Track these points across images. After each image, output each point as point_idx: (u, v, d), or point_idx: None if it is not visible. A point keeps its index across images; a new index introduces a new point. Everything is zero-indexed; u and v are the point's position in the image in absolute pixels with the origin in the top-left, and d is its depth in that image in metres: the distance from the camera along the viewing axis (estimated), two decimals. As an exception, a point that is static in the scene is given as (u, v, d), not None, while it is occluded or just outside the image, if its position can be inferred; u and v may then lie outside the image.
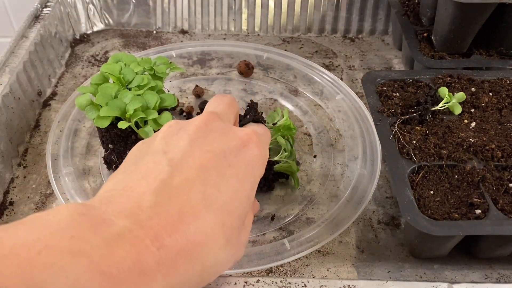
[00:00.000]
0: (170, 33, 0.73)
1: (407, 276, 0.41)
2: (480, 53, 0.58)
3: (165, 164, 0.27)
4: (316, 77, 0.61)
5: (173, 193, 0.26)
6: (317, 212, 0.47)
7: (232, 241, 0.28)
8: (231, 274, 0.39)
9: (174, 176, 0.27)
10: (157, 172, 0.27)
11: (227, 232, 0.27)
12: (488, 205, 0.39)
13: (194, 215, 0.26)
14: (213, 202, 0.27)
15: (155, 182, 0.26)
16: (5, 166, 0.50)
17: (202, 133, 0.30)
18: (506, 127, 0.47)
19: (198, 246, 0.25)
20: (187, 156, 0.28)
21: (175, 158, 0.28)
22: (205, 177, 0.27)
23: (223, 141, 0.30)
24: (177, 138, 0.30)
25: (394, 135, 0.45)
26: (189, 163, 0.28)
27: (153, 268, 0.23)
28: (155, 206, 0.25)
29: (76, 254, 0.21)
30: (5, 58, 0.55)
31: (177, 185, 0.26)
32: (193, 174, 0.27)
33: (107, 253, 0.22)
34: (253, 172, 0.31)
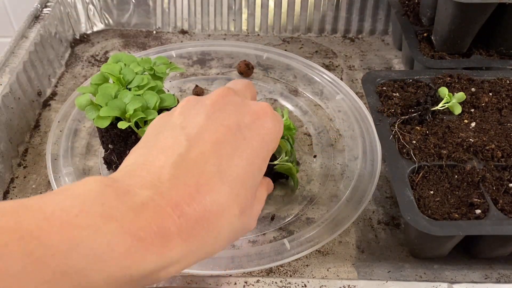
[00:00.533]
0: (170, 33, 0.73)
1: (407, 276, 0.41)
2: (480, 53, 0.58)
3: (183, 139, 0.29)
4: (316, 77, 0.61)
5: (190, 167, 0.28)
6: (317, 212, 0.47)
7: (245, 211, 0.30)
8: (231, 274, 0.39)
9: (190, 150, 0.28)
10: (175, 146, 0.29)
11: (241, 202, 0.29)
12: (488, 205, 0.39)
13: (210, 187, 0.27)
14: (227, 175, 0.28)
15: (173, 156, 0.28)
16: (5, 166, 0.50)
17: (218, 107, 0.31)
18: (506, 127, 0.47)
19: (214, 215, 0.27)
20: (203, 130, 0.30)
21: (192, 133, 0.29)
22: (220, 151, 0.29)
23: (238, 115, 0.31)
24: (194, 113, 0.31)
25: (394, 135, 0.45)
26: (205, 137, 0.29)
27: (175, 234, 0.25)
28: (173, 179, 0.27)
29: (108, 218, 0.23)
30: (5, 58, 0.55)
31: (193, 159, 0.28)
32: (209, 148, 0.29)
33: (134, 218, 0.24)
34: (267, 146, 0.31)
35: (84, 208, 0.23)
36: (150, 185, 0.26)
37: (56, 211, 0.23)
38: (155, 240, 0.24)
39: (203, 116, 0.31)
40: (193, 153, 0.28)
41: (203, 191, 0.27)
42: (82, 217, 0.23)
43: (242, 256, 0.41)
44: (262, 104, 0.33)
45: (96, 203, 0.24)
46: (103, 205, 0.24)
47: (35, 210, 0.22)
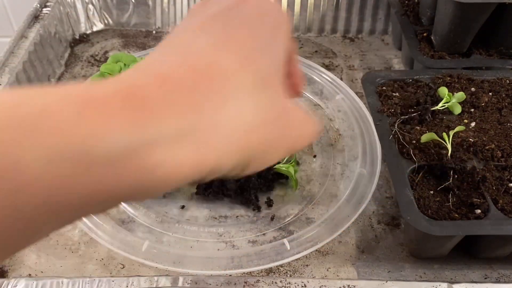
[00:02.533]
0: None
1: (407, 276, 0.41)
2: (480, 53, 0.58)
3: (199, 22, 0.24)
4: (316, 77, 0.61)
5: (176, 42, 0.23)
6: (317, 212, 0.47)
7: (266, 81, 0.23)
8: (231, 274, 0.39)
9: (182, 32, 0.24)
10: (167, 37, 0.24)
11: (252, 68, 0.22)
12: (488, 205, 0.39)
13: (202, 53, 0.21)
14: (224, 41, 0.22)
15: (163, 43, 0.23)
16: (4, 166, 0.50)
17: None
18: (506, 127, 0.46)
19: (216, 73, 0.20)
20: (189, 19, 0.25)
21: (208, 14, 0.24)
22: (213, 24, 0.23)
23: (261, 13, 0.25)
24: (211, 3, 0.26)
25: (394, 135, 0.45)
26: (196, 20, 0.24)
27: (158, 98, 0.18)
28: (158, 55, 0.22)
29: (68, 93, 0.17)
30: (4, 58, 0.55)
31: (182, 36, 0.23)
32: (198, 25, 0.24)
33: (95, 87, 0.18)
34: (272, 27, 0.25)
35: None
36: (133, 69, 0.20)
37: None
38: (126, 102, 0.17)
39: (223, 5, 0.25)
40: (184, 33, 0.23)
41: (191, 57, 0.21)
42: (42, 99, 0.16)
43: (242, 256, 0.41)
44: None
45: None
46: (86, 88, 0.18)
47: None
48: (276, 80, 0.24)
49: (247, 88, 0.21)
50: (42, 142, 0.15)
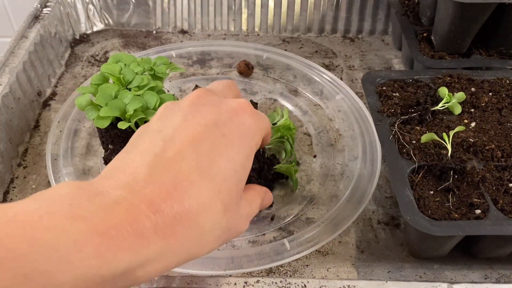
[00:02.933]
0: (170, 33, 0.73)
1: (407, 276, 0.41)
2: (480, 53, 0.58)
3: (159, 140, 0.29)
4: (316, 77, 0.61)
5: (166, 165, 0.27)
6: (317, 212, 0.47)
7: (230, 208, 0.29)
8: (231, 274, 0.39)
9: (167, 149, 0.28)
10: (151, 148, 0.28)
11: (224, 198, 0.28)
12: (488, 205, 0.39)
13: (189, 183, 0.27)
14: (207, 170, 0.28)
15: (149, 157, 0.28)
16: (5, 166, 0.50)
17: (194, 108, 0.31)
18: (506, 127, 0.47)
19: (194, 211, 0.26)
20: (180, 130, 0.29)
21: (168, 134, 0.29)
22: (198, 148, 0.28)
23: (215, 112, 0.31)
24: (172, 116, 0.31)
25: (394, 135, 0.45)
26: (182, 136, 0.29)
27: (150, 231, 0.24)
28: (149, 178, 0.26)
29: (75, 218, 0.23)
30: (5, 58, 0.55)
31: (170, 157, 0.28)
32: (186, 146, 0.28)
33: (104, 217, 0.23)
34: (248, 142, 0.31)
35: (50, 209, 0.23)
36: (124, 185, 0.26)
37: (19, 214, 0.22)
38: (128, 237, 0.23)
39: (180, 118, 0.30)
40: (169, 152, 0.28)
41: (181, 188, 0.26)
42: (47, 218, 0.22)
43: (242, 256, 0.41)
44: (239, 101, 0.32)
45: (64, 204, 0.23)
46: (71, 205, 0.23)
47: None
48: (236, 204, 0.30)
49: (217, 222, 0.28)
50: (72, 269, 0.21)
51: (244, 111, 0.32)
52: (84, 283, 0.22)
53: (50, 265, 0.21)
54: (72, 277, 0.22)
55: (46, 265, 0.21)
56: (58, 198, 0.24)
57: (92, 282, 0.22)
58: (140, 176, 0.26)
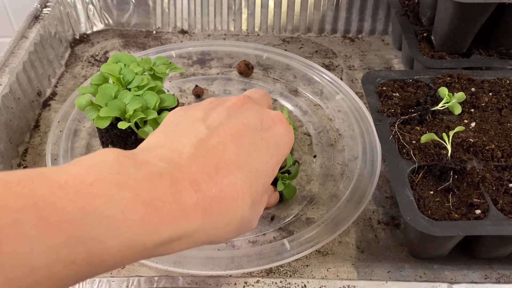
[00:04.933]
0: (170, 33, 0.73)
1: (407, 276, 0.41)
2: (480, 53, 0.58)
3: (204, 128, 0.31)
4: (316, 77, 0.61)
5: (210, 150, 0.29)
6: (317, 212, 0.47)
7: (255, 204, 0.31)
8: (231, 274, 0.39)
9: (211, 137, 0.30)
10: (196, 132, 0.30)
11: (253, 194, 0.30)
12: (488, 205, 0.39)
13: (228, 171, 0.28)
14: (244, 165, 0.30)
15: (195, 139, 0.29)
16: (5, 166, 0.50)
17: (238, 110, 0.33)
18: (506, 127, 0.46)
19: (229, 198, 0.28)
20: (225, 124, 0.31)
21: (212, 124, 0.31)
22: (239, 143, 0.30)
23: (257, 118, 0.33)
24: (216, 111, 0.33)
25: (394, 135, 0.45)
26: (226, 129, 0.31)
27: (191, 208, 0.26)
28: (194, 157, 0.28)
29: (122, 186, 0.24)
30: (5, 58, 0.55)
31: (214, 144, 0.29)
32: (229, 139, 0.30)
33: (150, 188, 0.25)
34: (281, 149, 0.33)
35: (99, 176, 0.24)
36: (170, 160, 0.27)
37: (70, 180, 0.23)
38: (171, 210, 0.25)
39: (224, 114, 0.32)
40: (213, 140, 0.30)
41: (221, 173, 0.28)
42: (96, 185, 0.23)
43: (242, 256, 0.41)
44: (278, 113, 0.35)
45: (111, 171, 0.24)
46: (119, 173, 0.24)
47: (50, 179, 0.23)
48: (259, 201, 0.33)
49: (244, 212, 0.29)
50: (119, 236, 0.23)
51: (281, 122, 0.34)
52: (129, 249, 0.23)
53: (100, 230, 0.22)
54: (119, 242, 0.23)
55: (96, 230, 0.22)
56: (105, 165, 0.25)
57: (136, 249, 0.24)
58: (186, 154, 0.28)
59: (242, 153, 0.30)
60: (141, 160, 0.27)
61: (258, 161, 0.31)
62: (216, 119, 0.32)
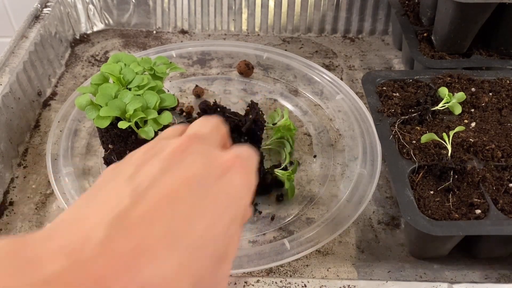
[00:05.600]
0: (170, 33, 0.73)
1: (407, 276, 0.41)
2: (480, 53, 0.58)
3: (128, 193, 0.24)
4: (316, 77, 0.61)
5: (130, 227, 0.22)
6: (317, 212, 0.47)
7: (203, 280, 0.24)
8: (231, 274, 0.39)
9: (135, 207, 0.23)
10: (117, 201, 0.24)
11: (195, 274, 0.23)
12: (488, 205, 0.39)
13: (153, 254, 0.22)
14: (179, 238, 0.23)
15: (111, 214, 0.23)
16: (5, 166, 0.50)
17: (179, 157, 0.27)
18: (506, 127, 0.46)
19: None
20: (156, 184, 0.25)
21: (141, 186, 0.25)
22: (174, 208, 0.24)
23: (201, 167, 0.26)
24: (150, 164, 0.26)
25: (394, 135, 0.45)
26: (155, 192, 0.24)
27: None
28: (103, 244, 0.21)
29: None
30: (5, 58, 0.55)
31: (136, 217, 0.23)
32: (159, 205, 0.24)
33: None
34: (235, 203, 0.27)
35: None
36: (69, 253, 0.21)
37: None
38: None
39: (158, 168, 0.26)
40: (137, 210, 0.23)
41: (142, 260, 0.21)
42: None
43: (242, 256, 0.41)
44: (229, 155, 0.28)
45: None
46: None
47: None
48: (211, 273, 0.25)
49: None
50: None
51: (236, 168, 0.28)
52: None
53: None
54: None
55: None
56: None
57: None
58: (94, 240, 0.21)
59: (177, 222, 0.23)
60: (28, 258, 0.20)
61: (202, 225, 0.24)
62: (147, 178, 0.25)
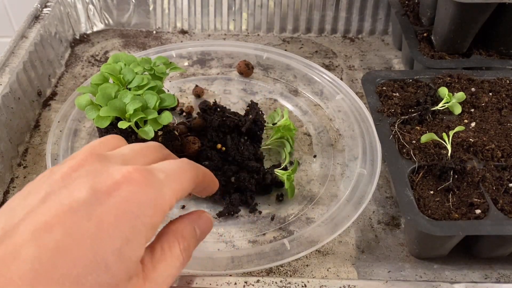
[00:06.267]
0: (170, 33, 0.73)
1: (407, 276, 0.41)
2: (480, 53, 0.58)
3: (1, 224, 0.22)
4: (316, 77, 0.61)
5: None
6: (317, 212, 0.47)
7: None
8: (231, 274, 0.39)
9: (2, 241, 0.21)
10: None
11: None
12: (488, 205, 0.39)
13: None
14: (48, 272, 0.21)
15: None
16: (5, 166, 0.50)
17: (67, 181, 0.24)
18: (506, 127, 0.47)
19: None
20: (32, 215, 0.22)
21: (14, 219, 0.23)
22: (44, 239, 0.21)
23: (86, 190, 0.24)
24: (36, 191, 0.24)
25: (394, 135, 0.45)
26: (30, 224, 0.22)
27: None
28: None
29: None
30: (5, 58, 0.55)
31: (1, 253, 0.21)
32: (26, 237, 0.21)
33: None
34: (128, 222, 0.24)
35: None
36: None
37: None
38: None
39: (41, 195, 0.24)
40: (4, 245, 0.21)
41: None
42: None
43: (242, 256, 0.41)
44: (127, 170, 0.25)
45: None
46: None
47: None
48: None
49: None
50: None
51: (131, 182, 0.24)
52: None
53: None
54: None
55: None
56: None
57: None
58: None
59: (45, 255, 0.21)
60: None
61: (80, 254, 0.21)
62: (25, 208, 0.23)
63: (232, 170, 0.47)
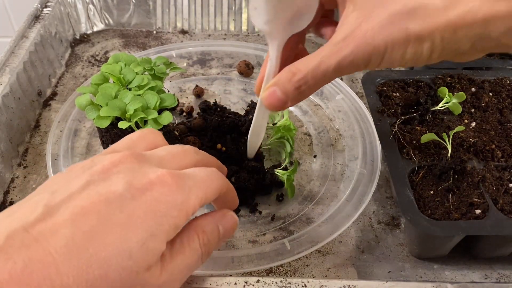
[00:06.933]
0: (170, 33, 0.73)
1: (407, 276, 0.41)
2: (480, 53, 0.58)
3: (42, 205, 0.25)
4: (316, 77, 0.61)
5: (28, 240, 0.23)
6: (317, 212, 0.47)
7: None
8: (231, 274, 0.39)
9: (43, 219, 0.24)
10: (29, 211, 0.24)
11: (94, 284, 0.23)
12: (488, 205, 0.39)
13: (44, 266, 0.22)
14: (79, 251, 0.23)
15: (19, 223, 0.23)
16: (5, 166, 0.50)
17: (105, 174, 0.27)
18: (506, 127, 0.47)
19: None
20: (73, 198, 0.25)
21: (57, 198, 0.25)
22: (79, 223, 0.24)
23: (122, 184, 0.26)
24: (78, 178, 0.27)
25: (394, 135, 0.45)
26: (67, 205, 0.24)
27: None
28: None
29: None
30: (5, 58, 0.55)
31: (39, 230, 0.23)
32: (65, 218, 0.24)
33: None
34: (155, 219, 0.26)
35: None
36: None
37: None
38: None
39: (82, 182, 0.26)
40: (44, 223, 0.23)
41: (34, 273, 0.22)
42: None
43: (242, 256, 0.41)
44: (161, 171, 0.28)
45: None
46: None
47: None
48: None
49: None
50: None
51: (163, 185, 0.27)
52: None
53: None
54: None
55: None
56: None
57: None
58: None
59: (79, 236, 0.23)
60: None
61: (110, 240, 0.24)
62: (67, 190, 0.25)
63: (232, 170, 0.47)
